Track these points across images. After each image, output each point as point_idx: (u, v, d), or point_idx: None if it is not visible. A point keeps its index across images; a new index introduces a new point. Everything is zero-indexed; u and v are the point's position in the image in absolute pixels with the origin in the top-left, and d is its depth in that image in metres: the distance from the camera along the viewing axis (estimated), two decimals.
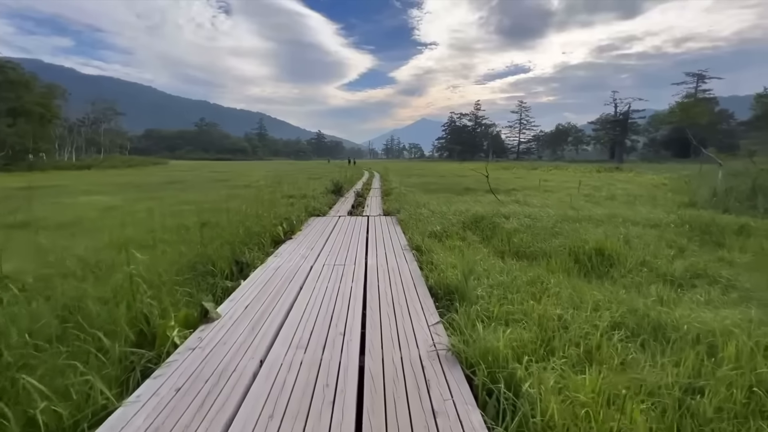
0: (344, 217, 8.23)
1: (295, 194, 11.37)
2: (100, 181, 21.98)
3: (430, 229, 6.45)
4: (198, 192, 14.98)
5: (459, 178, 26.25)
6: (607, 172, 31.63)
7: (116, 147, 77.22)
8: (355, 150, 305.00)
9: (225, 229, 5.56)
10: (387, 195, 12.70)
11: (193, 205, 10.02)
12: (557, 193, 14.54)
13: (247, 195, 12.56)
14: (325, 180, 17.99)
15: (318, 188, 13.73)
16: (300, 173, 31.81)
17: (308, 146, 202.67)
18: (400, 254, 5.05)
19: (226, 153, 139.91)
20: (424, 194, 13.76)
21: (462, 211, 8.08)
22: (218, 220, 6.88)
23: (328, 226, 7.17)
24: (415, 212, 8.06)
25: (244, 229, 5.60)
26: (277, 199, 10.31)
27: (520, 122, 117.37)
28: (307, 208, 8.64)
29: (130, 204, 11.47)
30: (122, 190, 16.22)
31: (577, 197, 12.45)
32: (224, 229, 5.69)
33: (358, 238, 6.13)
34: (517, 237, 6.04)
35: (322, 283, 3.96)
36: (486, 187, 17.04)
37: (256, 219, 6.20)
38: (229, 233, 5.27)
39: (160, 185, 19.37)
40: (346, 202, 11.13)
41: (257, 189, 15.39)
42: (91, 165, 41.58)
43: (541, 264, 4.99)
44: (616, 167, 35.15)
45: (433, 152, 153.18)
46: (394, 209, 8.77)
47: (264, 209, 7.90)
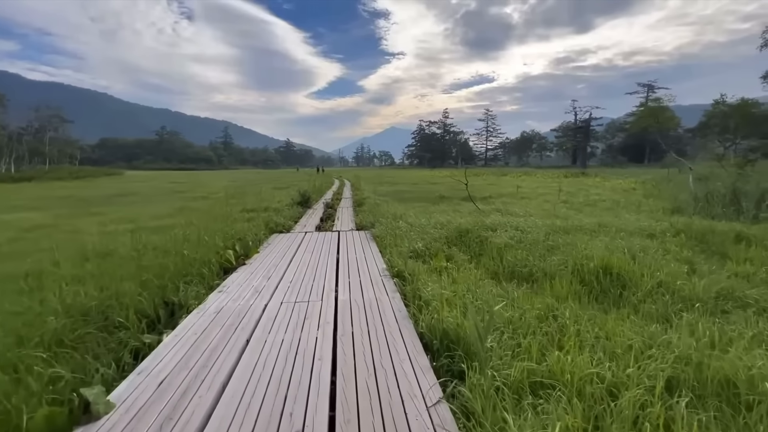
0: (311, 234, 7.21)
1: (256, 207, 10.19)
2: (37, 195, 19.58)
3: (410, 246, 5.59)
4: (147, 206, 13.42)
5: (432, 185, 25.77)
6: (574, 177, 32.31)
7: (65, 157, 71.52)
8: (325, 158, 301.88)
9: (157, 257, 4.44)
10: (359, 206, 11.77)
11: (135, 223, 8.67)
12: (534, 199, 14.19)
13: (203, 208, 11.24)
14: (293, 190, 16.82)
15: (284, 199, 12.59)
16: (266, 183, 30.24)
17: (277, 155, 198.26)
18: (379, 283, 4.13)
19: (190, 162, 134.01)
20: (398, 204, 12.96)
21: (443, 224, 7.29)
22: (156, 242, 5.71)
23: (292, 245, 6.14)
24: (391, 226, 7.18)
25: (180, 257, 4.49)
26: (234, 214, 9.14)
27: (487, 130, 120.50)
28: (268, 224, 7.55)
29: (63, 222, 9.88)
30: (59, 205, 14.29)
31: (556, 204, 12.08)
32: (158, 255, 4.57)
33: (327, 260, 5.14)
34: (510, 254, 5.28)
35: (276, 332, 2.96)
36: (461, 195, 16.50)
37: (197, 245, 5.09)
38: (159, 264, 4.16)
39: (106, 198, 17.42)
40: (314, 214, 10.09)
41: (216, 201, 14.04)
42: (33, 177, 37.79)
43: (544, 288, 4.24)
44: (581, 172, 36.11)
45: (404, 159, 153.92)
46: (368, 223, 7.85)
47: (215, 227, 6.76)
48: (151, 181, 37.90)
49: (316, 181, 20.56)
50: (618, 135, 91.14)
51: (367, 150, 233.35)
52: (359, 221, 8.46)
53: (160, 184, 30.70)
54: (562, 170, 51.47)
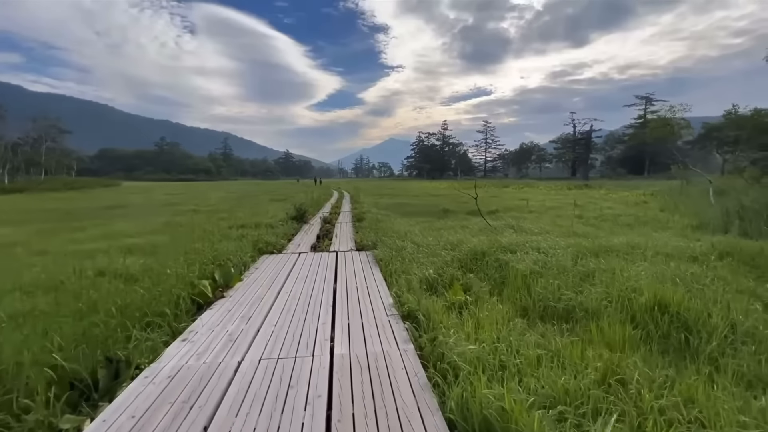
0: (306, 255, 6.39)
1: (247, 223, 9.38)
2: (21, 208, 18.72)
3: (420, 274, 4.77)
4: (133, 220, 12.58)
5: (434, 197, 25.04)
6: (578, 189, 31.66)
7: (63, 168, 70.92)
8: (324, 169, 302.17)
9: (114, 291, 3.62)
10: (359, 221, 10.97)
11: (110, 242, 7.85)
12: (544, 214, 13.43)
13: (191, 223, 10.43)
14: (289, 203, 16.04)
15: (278, 214, 11.79)
16: (263, 194, 29.46)
17: (276, 166, 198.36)
18: (386, 328, 3.29)
19: (189, 173, 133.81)
20: (400, 218, 12.17)
21: (454, 244, 6.48)
22: (124, 268, 4.90)
23: (282, 270, 5.32)
24: (396, 246, 6.37)
25: (145, 290, 3.67)
26: (223, 230, 8.33)
27: (486, 141, 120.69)
28: (257, 244, 6.73)
29: (35, 239, 9.03)
30: (41, 219, 13.44)
31: (571, 219, 11.31)
32: (118, 287, 3.75)
33: (322, 293, 4.32)
34: (539, 283, 4.47)
35: (248, 413, 2.13)
36: (466, 208, 15.73)
37: (168, 273, 4.27)
38: (114, 301, 3.34)
39: (93, 211, 16.58)
40: (310, 231, 9.27)
41: (206, 215, 13.23)
42: (25, 188, 36.98)
43: (589, 331, 3.42)
44: (585, 184, 35.46)
45: (403, 171, 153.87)
46: (370, 242, 7.04)
47: (197, 247, 5.95)
48: (146, 192, 37.12)
49: (314, 193, 19.80)
50: (617, 147, 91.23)
51: (367, 161, 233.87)
52: (360, 239, 7.64)
53: (155, 196, 29.89)
54: (563, 182, 50.90)
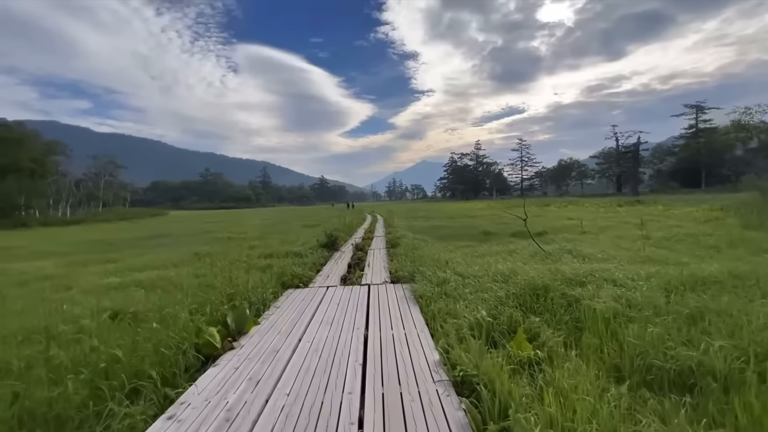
0: (334, 289, 5.65)
1: (275, 252, 8.87)
2: (71, 239, 19.68)
3: (470, 317, 3.85)
4: (167, 249, 12.56)
5: (470, 219, 23.84)
6: (629, 205, 29.07)
7: (119, 200, 76.69)
8: (358, 193, 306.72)
9: (102, 344, 3.02)
10: (393, 246, 10.17)
11: (140, 274, 7.56)
12: (600, 234, 11.97)
13: (219, 253, 10.11)
14: (322, 228, 15.61)
15: (309, 241, 11.26)
16: (296, 220, 29.57)
17: (312, 191, 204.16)
18: (435, 409, 2.38)
19: (231, 201, 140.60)
20: (438, 242, 11.24)
21: (505, 274, 5.48)
22: (128, 306, 4.40)
23: (305, 311, 4.58)
24: (436, 278, 5.48)
25: (137, 344, 3.05)
26: (250, 260, 7.83)
27: (522, 159, 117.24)
28: (282, 277, 6.09)
29: (69, 271, 9.03)
30: (82, 251, 13.83)
31: (635, 240, 9.86)
32: (110, 338, 3.16)
33: (350, 344, 3.49)
34: (630, 330, 3.40)
35: None
36: (509, 230, 14.49)
37: (174, 317, 3.66)
38: (100, 356, 2.72)
39: (133, 242, 17.04)
40: (341, 259, 8.57)
41: (237, 243, 13.00)
42: (82, 220, 39.79)
43: (732, 408, 2.35)
44: (636, 200, 32.61)
45: (436, 192, 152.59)
46: (406, 272, 6.18)
47: (216, 282, 5.39)
48: (188, 221, 38.67)
49: (347, 218, 19.32)
50: (666, 159, 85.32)
51: (399, 184, 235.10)
52: (395, 269, 6.81)
53: (195, 224, 30.89)
54: (610, 198, 47.54)
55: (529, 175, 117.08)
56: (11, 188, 33.72)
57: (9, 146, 35.49)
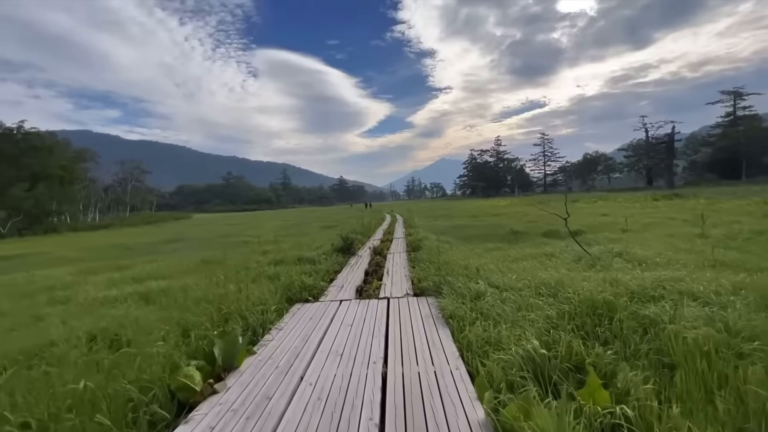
0: (347, 304, 4.88)
1: (286, 258, 8.21)
2: (92, 244, 19.84)
3: (519, 349, 2.99)
4: (182, 255, 12.18)
5: (494, 217, 22.68)
6: (667, 199, 27.11)
7: (147, 204, 79.12)
8: (377, 193, 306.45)
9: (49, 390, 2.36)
10: (415, 250, 9.33)
11: (141, 285, 7.06)
12: (646, 233, 10.74)
13: (231, 260, 9.56)
14: (339, 230, 14.97)
15: (324, 244, 10.58)
16: (315, 221, 29.14)
17: (331, 192, 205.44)
18: None
19: (252, 203, 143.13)
20: (462, 243, 10.34)
21: (550, 285, 4.57)
22: (122, 331, 3.78)
23: (312, 334, 3.84)
24: (468, 291, 4.62)
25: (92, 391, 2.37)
26: (259, 268, 7.19)
27: (544, 154, 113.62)
28: (289, 289, 5.37)
29: (79, 280, 8.68)
30: (99, 257, 13.69)
31: (688, 238, 8.65)
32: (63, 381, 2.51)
33: (364, 387, 2.71)
34: (751, 375, 2.48)
35: None
36: (539, 229, 13.36)
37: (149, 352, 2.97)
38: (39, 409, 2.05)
39: (152, 246, 16.91)
40: (357, 266, 7.81)
41: (251, 247, 12.48)
42: (110, 225, 40.87)
43: None
44: (674, 194, 30.39)
45: (455, 190, 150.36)
46: (431, 283, 5.35)
47: (214, 295, 4.74)
48: (209, 224, 39.03)
49: (365, 219, 18.58)
50: (701, 150, 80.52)
51: (418, 183, 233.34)
52: (417, 278, 5.99)
53: (215, 228, 30.99)
54: (643, 192, 44.95)
55: (552, 171, 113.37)
56: (42, 195, 34.91)
57: (40, 154, 36.77)
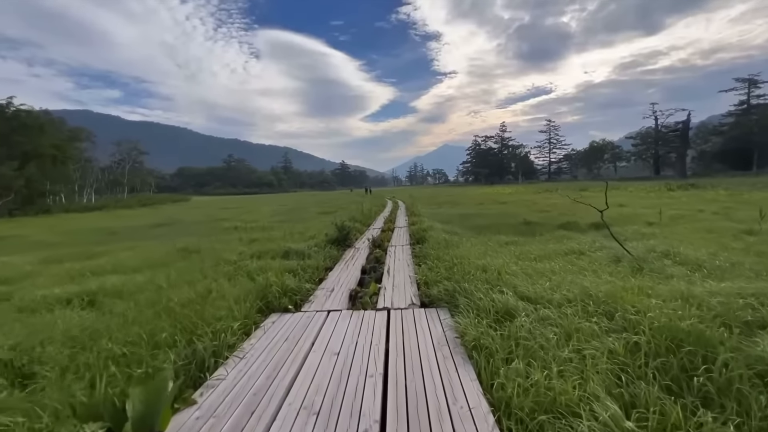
0: (337, 317, 3.83)
1: (273, 250, 7.16)
2: (76, 228, 18.80)
3: (595, 424, 1.97)
4: (165, 241, 11.16)
5: (501, 205, 21.56)
6: (682, 190, 25.86)
7: (146, 186, 78.03)
8: (379, 178, 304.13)
9: None
10: (419, 242, 8.27)
11: (101, 279, 6.04)
12: (676, 226, 9.64)
13: (211, 250, 8.53)
14: (337, 216, 13.90)
15: (320, 233, 9.53)
16: (314, 206, 28.05)
17: (332, 177, 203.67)
18: None
19: (254, 187, 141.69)
20: (470, 234, 9.26)
21: (598, 299, 3.50)
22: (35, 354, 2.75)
23: (285, 364, 2.79)
24: (491, 305, 3.56)
25: None
26: (239, 261, 6.15)
27: (550, 142, 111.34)
28: (268, 291, 4.31)
29: (40, 272, 7.68)
30: (78, 242, 12.69)
31: (729, 233, 7.56)
32: None
33: None
34: None
35: None
36: (554, 220, 12.26)
37: None
38: None
39: (138, 230, 15.90)
40: (352, 262, 6.75)
41: (243, 233, 11.45)
42: (104, 206, 39.87)
43: None
44: (689, 184, 29.08)
45: (458, 177, 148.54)
46: (442, 289, 4.29)
47: (168, 305, 3.71)
48: (206, 207, 38.00)
49: (365, 205, 17.44)
50: (711, 139, 78.33)
51: (421, 168, 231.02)
52: (424, 280, 4.93)
53: (211, 211, 29.96)
54: (654, 182, 43.55)
55: (557, 158, 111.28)
56: (33, 174, 33.77)
57: (31, 132, 35.46)
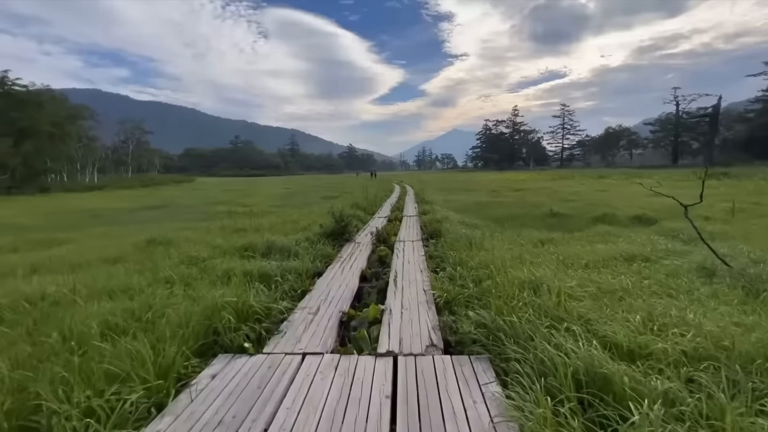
0: (315, 363, 2.49)
1: (255, 243, 5.84)
2: (65, 209, 17.71)
3: None
4: (146, 227, 9.94)
5: (518, 193, 19.97)
6: (714, 179, 23.89)
7: (152, 166, 77.23)
8: (386, 162, 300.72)
9: None
10: (433, 236, 6.87)
11: (29, 282, 4.78)
12: (735, 223, 8.11)
13: (186, 240, 7.25)
14: (340, 202, 12.56)
15: (315, 222, 8.19)
16: (318, 190, 26.71)
17: (340, 160, 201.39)
18: None
19: (260, 169, 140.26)
20: (493, 227, 7.84)
21: (743, 355, 2.14)
22: None
23: None
24: (562, 366, 2.20)
25: None
26: (208, 262, 4.84)
27: (563, 127, 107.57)
28: (212, 326, 2.98)
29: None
30: (55, 225, 11.54)
31: None
32: None
33: None
34: None
35: None
36: (581, 210, 10.76)
37: None
38: None
39: (125, 213, 14.76)
40: (349, 265, 5.37)
41: (232, 219, 10.17)
42: (105, 186, 38.98)
43: None
44: (723, 173, 27.01)
45: (467, 162, 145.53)
46: (474, 323, 2.92)
47: None
48: (209, 188, 36.87)
49: (370, 189, 15.96)
50: (734, 127, 74.47)
51: (429, 153, 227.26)
52: (445, 300, 3.57)
53: (211, 193, 28.81)
54: (677, 170, 41.25)
55: (570, 145, 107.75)
56: (29, 152, 32.79)
57: (28, 109, 34.33)
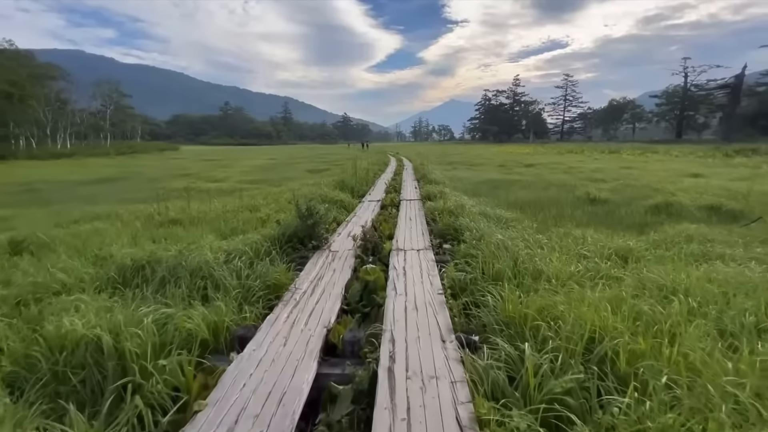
0: None
1: (160, 258, 3.70)
2: (15, 179, 15.26)
3: None
4: (74, 206, 7.70)
5: (528, 168, 17.73)
6: (741, 156, 21.82)
7: (137, 132, 72.71)
8: (382, 133, 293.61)
9: None
10: (447, 237, 4.74)
11: None
12: None
13: (123, 225, 5.07)
14: (327, 177, 10.28)
15: (280, 212, 6.01)
16: (306, 161, 24.23)
17: (334, 129, 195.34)
18: None
19: (251, 137, 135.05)
20: (524, 218, 5.75)
21: None
22: None
23: None
24: None
25: None
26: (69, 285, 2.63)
27: (566, 99, 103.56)
28: None
29: None
30: None
31: None
32: None
33: None
34: None
35: None
36: (636, 198, 8.62)
37: None
38: None
39: (68, 187, 12.38)
40: (309, 308, 3.24)
41: (184, 201, 7.92)
42: (74, 153, 35.92)
43: None
44: (751, 149, 24.79)
45: (464, 134, 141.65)
46: None
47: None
48: (185, 158, 34.05)
49: (360, 163, 13.53)
50: (744, 101, 71.63)
51: (426, 124, 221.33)
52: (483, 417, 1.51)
53: (184, 163, 26.19)
54: (689, 146, 39.10)
55: (571, 117, 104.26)
56: None
57: None
